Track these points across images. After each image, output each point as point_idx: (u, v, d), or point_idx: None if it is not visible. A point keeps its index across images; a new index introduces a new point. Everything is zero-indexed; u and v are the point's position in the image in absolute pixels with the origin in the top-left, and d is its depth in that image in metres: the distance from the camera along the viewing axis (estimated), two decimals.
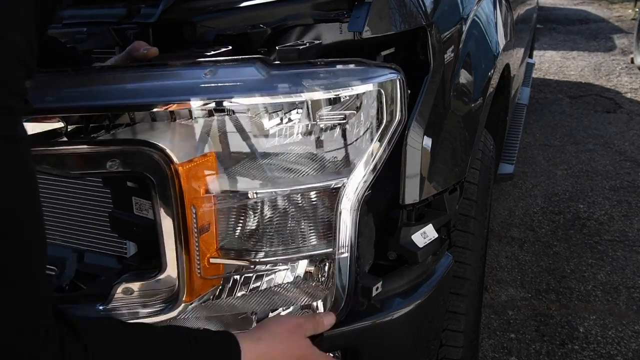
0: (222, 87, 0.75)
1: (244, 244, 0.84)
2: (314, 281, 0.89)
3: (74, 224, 1.02)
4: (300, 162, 0.82)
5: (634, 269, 2.27)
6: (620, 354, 1.82)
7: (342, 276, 0.86)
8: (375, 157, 0.83)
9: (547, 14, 8.13)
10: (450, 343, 1.23)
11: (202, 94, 0.74)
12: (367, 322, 0.93)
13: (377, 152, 0.83)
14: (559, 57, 5.97)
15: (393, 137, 0.83)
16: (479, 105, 1.20)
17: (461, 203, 1.15)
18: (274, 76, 0.76)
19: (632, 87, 4.84)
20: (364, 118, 0.81)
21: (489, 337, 1.92)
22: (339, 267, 0.86)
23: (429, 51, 0.96)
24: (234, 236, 0.84)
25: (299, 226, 0.84)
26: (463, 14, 1.16)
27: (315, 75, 0.78)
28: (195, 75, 0.76)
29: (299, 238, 0.85)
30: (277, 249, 0.84)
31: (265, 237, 0.84)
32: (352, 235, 0.84)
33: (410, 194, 0.97)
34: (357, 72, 0.79)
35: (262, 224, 0.83)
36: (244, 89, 0.75)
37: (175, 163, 0.75)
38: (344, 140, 0.82)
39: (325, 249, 0.85)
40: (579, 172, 3.21)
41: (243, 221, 0.83)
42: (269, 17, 1.01)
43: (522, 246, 2.47)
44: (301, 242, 0.85)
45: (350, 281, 0.87)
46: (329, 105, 0.78)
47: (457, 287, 1.20)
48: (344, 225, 0.83)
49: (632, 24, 7.02)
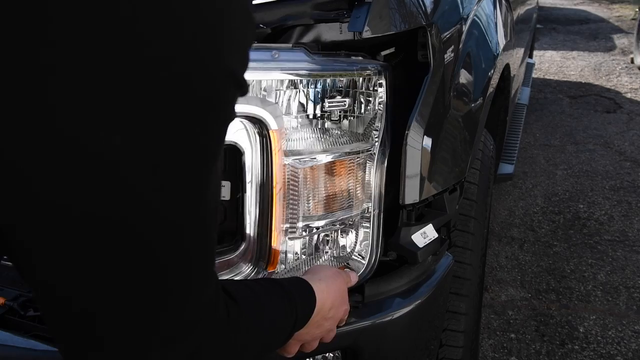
0: (293, 64, 0.85)
1: (310, 210, 0.91)
2: (348, 244, 0.98)
3: None
4: (344, 129, 0.94)
5: (634, 269, 2.27)
6: (620, 354, 1.82)
7: (374, 235, 0.97)
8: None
9: (547, 14, 8.14)
10: (450, 343, 1.23)
11: (279, 69, 0.84)
12: (367, 322, 0.93)
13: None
14: (559, 57, 5.97)
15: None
16: (479, 105, 1.20)
17: (461, 203, 1.15)
18: (319, 60, 0.87)
19: (632, 87, 4.84)
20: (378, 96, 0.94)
21: (489, 337, 1.92)
22: (373, 227, 0.96)
23: (429, 51, 0.96)
24: (304, 203, 0.90)
25: (349, 189, 0.94)
26: (463, 14, 1.16)
27: (348, 61, 0.90)
28: (266, 55, 0.84)
29: (347, 201, 0.94)
30: (334, 212, 0.93)
31: (324, 202, 0.92)
32: (381, 195, 0.94)
33: (410, 194, 0.97)
34: (369, 61, 0.94)
35: (323, 189, 0.91)
36: (309, 66, 0.86)
37: (271, 130, 0.83)
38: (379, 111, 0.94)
39: (360, 211, 0.95)
40: (579, 172, 3.21)
41: (310, 187, 0.90)
42: (269, 17, 1.02)
43: (522, 246, 2.47)
44: (347, 204, 0.94)
45: (376, 243, 0.97)
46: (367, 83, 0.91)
47: (457, 287, 1.20)
48: (376, 186, 0.94)
49: (632, 24, 7.03)
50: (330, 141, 0.91)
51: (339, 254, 0.97)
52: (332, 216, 0.93)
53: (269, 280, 0.69)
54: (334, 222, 0.94)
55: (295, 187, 0.88)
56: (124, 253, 0.41)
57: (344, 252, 0.97)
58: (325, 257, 0.96)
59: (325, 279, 0.76)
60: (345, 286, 0.82)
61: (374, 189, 0.95)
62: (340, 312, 0.80)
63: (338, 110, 0.90)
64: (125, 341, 0.44)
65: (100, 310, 0.43)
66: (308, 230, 0.92)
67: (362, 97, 0.91)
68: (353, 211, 0.94)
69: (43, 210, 0.39)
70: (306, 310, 0.69)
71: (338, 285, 0.78)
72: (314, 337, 0.77)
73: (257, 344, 0.59)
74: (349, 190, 0.93)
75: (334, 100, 0.89)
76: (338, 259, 0.97)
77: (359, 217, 0.96)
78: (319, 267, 0.85)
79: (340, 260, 0.97)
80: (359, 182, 0.94)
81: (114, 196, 0.39)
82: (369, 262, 0.97)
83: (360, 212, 0.95)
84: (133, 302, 0.43)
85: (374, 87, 0.92)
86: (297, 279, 0.73)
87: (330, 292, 0.75)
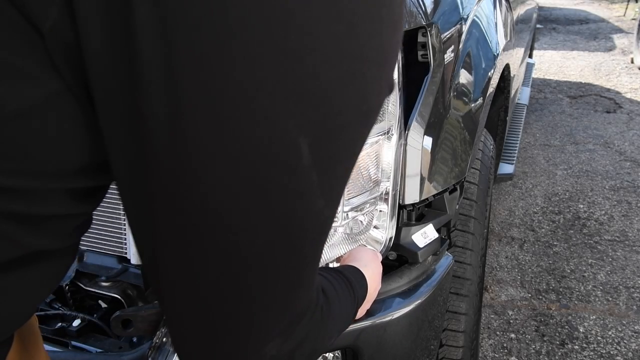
0: None
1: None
2: (366, 224, 0.99)
3: None
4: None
5: (634, 269, 2.27)
6: (620, 354, 1.82)
7: (392, 215, 0.98)
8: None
9: (547, 14, 8.14)
10: (450, 343, 1.23)
11: None
12: (367, 322, 0.93)
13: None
14: (559, 57, 5.98)
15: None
16: (479, 105, 1.20)
17: (461, 203, 1.15)
18: None
19: (632, 87, 4.84)
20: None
21: (489, 337, 1.92)
22: (390, 207, 0.98)
23: (429, 51, 0.96)
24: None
25: (368, 171, 0.94)
26: (463, 14, 1.16)
27: None
28: None
29: (367, 182, 0.94)
30: (354, 194, 0.94)
31: (349, 183, 0.92)
32: (396, 176, 0.96)
33: (411, 194, 0.97)
34: None
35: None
36: None
37: None
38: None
39: (379, 192, 0.96)
40: (579, 172, 3.21)
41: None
42: None
43: (522, 246, 2.47)
44: (366, 186, 0.94)
45: (393, 223, 0.98)
46: None
47: (457, 287, 1.21)
48: (393, 166, 0.95)
49: (632, 24, 7.03)
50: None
51: (358, 234, 0.99)
52: (355, 199, 0.94)
53: (332, 270, 0.71)
54: (358, 205, 0.95)
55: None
56: (275, 248, 0.41)
57: (363, 232, 0.99)
58: (351, 237, 0.97)
59: (369, 263, 0.80)
60: (381, 267, 0.86)
61: (392, 169, 0.96)
62: (376, 293, 0.84)
63: None
64: (256, 333, 0.46)
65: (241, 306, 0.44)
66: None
67: None
68: (374, 193, 0.95)
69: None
70: (362, 296, 0.74)
71: (379, 268, 0.83)
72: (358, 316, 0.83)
73: (337, 330, 0.63)
74: (369, 171, 0.94)
75: None
76: (355, 238, 0.98)
77: (378, 198, 0.97)
78: (360, 250, 0.87)
79: (357, 239, 0.98)
80: (379, 162, 0.95)
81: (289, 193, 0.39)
82: (385, 242, 0.99)
83: (380, 193, 0.96)
84: (271, 297, 0.44)
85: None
86: (353, 267, 0.76)
87: (375, 276, 0.80)
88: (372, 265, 0.80)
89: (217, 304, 0.43)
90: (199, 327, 0.44)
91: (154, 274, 0.43)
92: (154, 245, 0.41)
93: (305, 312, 0.50)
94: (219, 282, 0.41)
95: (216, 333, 0.44)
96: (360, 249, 0.90)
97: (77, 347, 0.91)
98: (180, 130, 0.34)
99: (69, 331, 0.92)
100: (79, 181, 0.41)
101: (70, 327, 0.92)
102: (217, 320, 0.44)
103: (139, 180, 0.37)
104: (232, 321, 0.44)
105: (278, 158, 0.36)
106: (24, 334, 0.53)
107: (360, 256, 0.83)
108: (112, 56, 0.33)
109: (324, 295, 0.58)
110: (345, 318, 0.66)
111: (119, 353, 0.88)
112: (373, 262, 0.82)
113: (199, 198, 0.37)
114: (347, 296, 0.67)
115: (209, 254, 0.40)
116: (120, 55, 0.33)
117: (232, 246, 0.39)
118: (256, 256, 0.41)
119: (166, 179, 0.36)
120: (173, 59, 0.32)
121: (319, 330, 0.55)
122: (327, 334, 0.58)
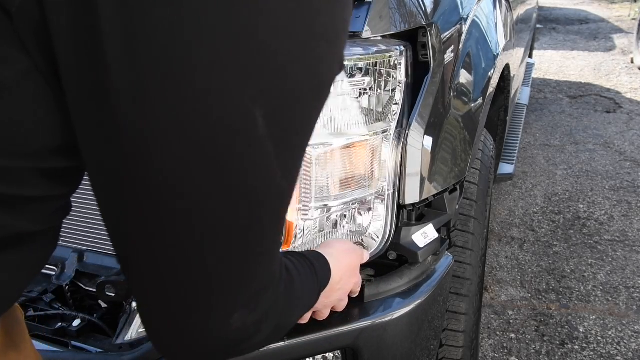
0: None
1: (326, 190, 0.92)
2: (362, 222, 0.99)
3: (74, 223, 1.02)
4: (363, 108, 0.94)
5: (634, 269, 2.27)
6: (620, 354, 1.82)
7: (388, 214, 0.98)
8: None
9: (547, 14, 8.14)
10: (450, 343, 1.23)
11: None
12: (367, 322, 0.93)
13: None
14: (559, 57, 5.98)
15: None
16: (479, 105, 1.20)
17: (461, 203, 1.15)
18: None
19: (632, 87, 4.84)
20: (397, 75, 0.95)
21: (489, 337, 1.92)
22: (388, 206, 0.97)
23: (429, 51, 0.96)
24: (321, 183, 0.91)
25: (365, 169, 0.95)
26: (463, 14, 1.16)
27: (365, 44, 0.91)
28: None
29: (364, 180, 0.95)
30: (351, 191, 0.94)
31: (341, 181, 0.93)
32: (396, 175, 0.96)
33: (411, 194, 0.97)
34: (387, 41, 0.95)
35: (339, 170, 0.92)
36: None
37: None
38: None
39: (376, 190, 0.96)
40: (579, 172, 3.21)
41: (329, 168, 0.91)
42: None
43: (522, 246, 2.47)
44: (363, 184, 0.95)
45: (390, 222, 0.98)
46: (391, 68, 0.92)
47: (457, 287, 1.21)
48: (392, 165, 0.96)
49: (632, 24, 7.03)
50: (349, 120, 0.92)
51: (354, 230, 0.98)
52: (348, 195, 0.94)
53: (296, 253, 0.73)
54: (350, 201, 0.95)
55: (308, 169, 0.89)
56: (236, 219, 0.43)
57: (359, 230, 0.98)
58: (342, 231, 0.97)
59: (336, 254, 0.80)
60: (358, 261, 0.86)
61: (389, 169, 0.96)
62: (349, 284, 0.84)
63: (357, 89, 0.90)
64: (220, 304, 0.46)
65: (207, 276, 0.45)
66: (326, 210, 0.93)
67: (380, 78, 0.92)
68: (369, 190, 0.95)
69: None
70: (324, 281, 0.74)
71: (349, 260, 0.83)
72: (325, 305, 0.83)
73: (300, 307, 0.65)
74: (365, 169, 0.94)
75: (354, 79, 0.89)
76: (353, 234, 0.98)
77: (374, 196, 0.97)
78: (334, 241, 0.88)
79: (354, 237, 0.98)
80: (376, 161, 0.95)
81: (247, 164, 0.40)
82: (382, 240, 0.99)
83: (376, 191, 0.96)
84: (232, 268, 0.45)
85: (393, 66, 0.93)
86: (317, 253, 0.77)
87: (341, 266, 0.80)
88: (340, 256, 0.80)
89: (178, 274, 0.44)
90: (163, 299, 0.45)
91: (121, 249, 0.45)
92: (118, 218, 0.42)
93: (269, 284, 0.51)
94: (177, 251, 0.42)
95: (181, 304, 0.45)
96: (336, 240, 0.91)
97: (77, 347, 0.91)
98: (140, 101, 0.36)
99: (69, 331, 0.92)
100: (53, 161, 0.43)
101: (70, 327, 0.92)
102: (180, 290, 0.45)
103: (104, 153, 0.39)
104: (195, 290, 0.45)
105: (233, 128, 0.38)
106: (8, 325, 0.53)
107: (331, 244, 0.84)
108: (76, 32, 0.35)
109: (287, 272, 0.59)
110: (308, 298, 0.68)
111: (119, 353, 0.88)
112: (343, 254, 0.82)
113: (157, 166, 0.38)
114: (309, 277, 0.68)
115: (167, 223, 0.41)
116: (84, 30, 0.35)
117: (189, 214, 0.41)
118: (213, 225, 0.42)
119: (127, 148, 0.38)
120: (131, 31, 0.34)
121: (283, 305, 0.56)
122: (290, 311, 0.60)
